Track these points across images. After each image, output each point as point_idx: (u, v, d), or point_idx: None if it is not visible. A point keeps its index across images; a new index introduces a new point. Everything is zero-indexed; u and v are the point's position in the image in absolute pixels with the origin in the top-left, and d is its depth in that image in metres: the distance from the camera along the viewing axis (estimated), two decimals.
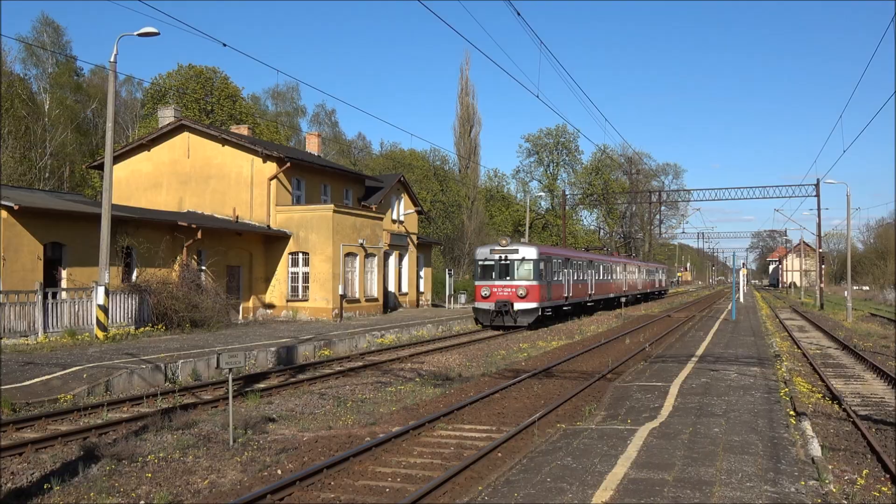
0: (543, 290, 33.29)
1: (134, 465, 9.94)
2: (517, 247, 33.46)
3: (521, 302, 32.11)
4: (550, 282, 34.73)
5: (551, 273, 35.12)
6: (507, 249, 33.08)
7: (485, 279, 33.13)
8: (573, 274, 39.64)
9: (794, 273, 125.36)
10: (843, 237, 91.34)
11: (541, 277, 33.06)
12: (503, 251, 33.12)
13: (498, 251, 33.28)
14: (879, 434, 12.62)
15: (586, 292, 43.32)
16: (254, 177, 34.05)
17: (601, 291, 47.69)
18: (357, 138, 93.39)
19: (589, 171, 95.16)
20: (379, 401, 15.09)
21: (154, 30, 22.42)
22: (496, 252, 33.27)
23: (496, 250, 33.34)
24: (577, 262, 41.05)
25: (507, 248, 33.13)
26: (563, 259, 37.92)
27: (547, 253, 35.11)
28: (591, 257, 45.81)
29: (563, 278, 37.35)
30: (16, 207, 22.18)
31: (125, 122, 64.55)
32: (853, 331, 35.39)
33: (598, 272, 46.75)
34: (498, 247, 33.59)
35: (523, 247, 33.72)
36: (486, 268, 33.36)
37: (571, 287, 39.13)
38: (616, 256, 59.19)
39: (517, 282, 32.46)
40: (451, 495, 8.63)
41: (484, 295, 32.74)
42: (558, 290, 36.46)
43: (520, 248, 33.33)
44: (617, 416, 12.71)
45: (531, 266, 32.76)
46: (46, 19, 59.53)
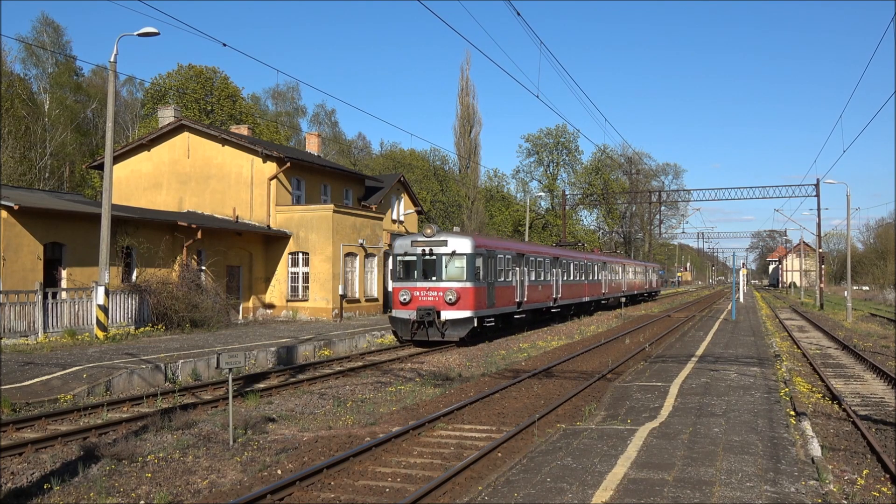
0: (481, 294, 26.05)
1: (134, 465, 9.95)
2: (446, 237, 25.75)
3: (451, 310, 24.78)
4: (493, 283, 27.29)
5: (495, 272, 27.62)
6: (433, 241, 25.61)
7: (404, 280, 25.81)
8: (530, 274, 32.02)
9: (794, 273, 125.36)
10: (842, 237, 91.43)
11: (477, 278, 25.75)
12: (427, 243, 25.64)
13: (421, 243, 25.73)
14: (879, 434, 12.63)
15: (549, 296, 35.36)
16: (254, 177, 34.06)
17: (571, 295, 39.69)
18: (357, 138, 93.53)
19: (589, 171, 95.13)
20: (379, 401, 15.09)
21: (154, 30, 22.43)
22: (418, 244, 25.76)
23: (418, 242, 25.84)
24: (535, 258, 33.16)
25: (433, 240, 25.63)
26: (515, 255, 30.23)
27: (488, 246, 27.59)
28: (556, 253, 37.74)
29: (513, 279, 29.64)
30: (16, 207, 22.18)
31: (125, 122, 64.56)
32: (853, 331, 35.39)
33: (566, 272, 38.81)
34: (421, 237, 25.94)
35: (454, 237, 25.95)
36: (407, 265, 25.96)
37: (527, 290, 31.40)
38: (596, 254, 50.51)
39: (445, 283, 25.08)
40: (451, 495, 8.63)
41: (403, 301, 25.15)
42: (506, 293, 28.84)
43: (450, 238, 25.72)
44: (617, 416, 12.71)
45: (464, 262, 25.28)
46: (46, 19, 59.66)
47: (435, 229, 26.07)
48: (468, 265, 25.37)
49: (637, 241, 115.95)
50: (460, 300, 24.91)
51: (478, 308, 25.60)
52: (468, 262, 25.38)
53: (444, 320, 24.71)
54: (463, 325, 24.89)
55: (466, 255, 25.41)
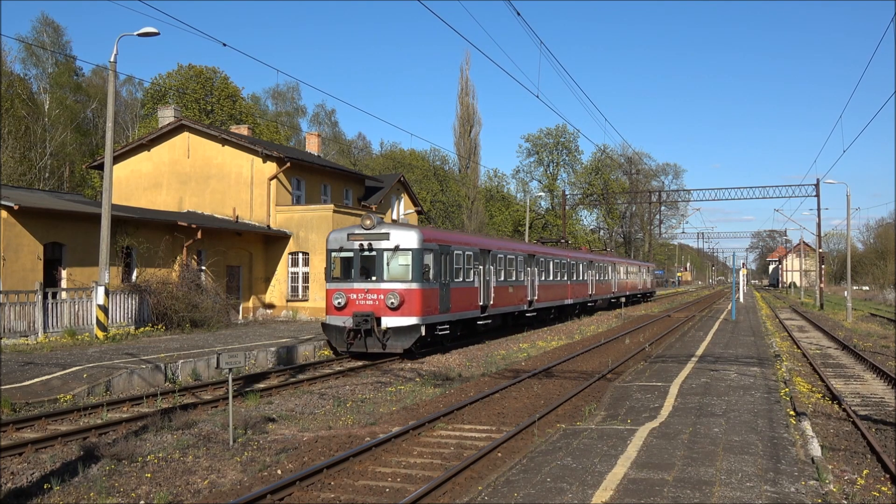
0: (431, 296, 22.28)
1: (134, 465, 9.95)
2: (388, 230, 22.15)
3: (393, 316, 21.18)
4: (448, 284, 23.55)
5: (450, 271, 23.81)
6: (373, 234, 21.93)
7: (340, 280, 22.14)
8: (498, 273, 28.44)
9: (794, 273, 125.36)
10: (842, 237, 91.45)
11: (426, 277, 21.92)
12: (366, 236, 21.96)
13: (358, 237, 22.07)
14: (879, 434, 12.63)
15: (522, 298, 31.51)
16: (254, 177, 34.07)
17: (550, 297, 35.81)
18: (357, 138, 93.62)
19: (589, 171, 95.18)
20: (379, 401, 15.09)
21: (154, 30, 22.44)
22: (355, 238, 22.08)
23: (355, 235, 22.11)
24: (504, 255, 29.40)
25: (373, 233, 21.94)
26: (478, 251, 26.41)
27: (441, 240, 23.59)
28: (531, 250, 33.85)
29: (476, 279, 26.00)
30: (16, 207, 22.19)
31: (125, 122, 64.60)
32: (853, 331, 35.39)
33: (544, 271, 34.88)
34: (359, 230, 22.22)
35: (398, 230, 22.30)
36: (343, 262, 22.37)
37: (493, 291, 27.64)
38: (583, 251, 47.27)
39: (387, 284, 21.44)
40: (451, 495, 8.63)
41: (337, 305, 21.61)
42: (465, 296, 25.12)
43: (392, 231, 22.06)
44: (617, 416, 12.71)
45: (409, 259, 21.63)
46: (46, 19, 59.71)
47: (375, 220, 22.23)
48: (414, 262, 21.62)
49: (637, 241, 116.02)
50: (404, 304, 21.28)
51: (426, 313, 21.86)
52: (414, 259, 21.62)
53: (385, 328, 21.05)
54: (408, 333, 21.14)
55: (412, 251, 21.66)
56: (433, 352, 23.46)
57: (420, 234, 22.07)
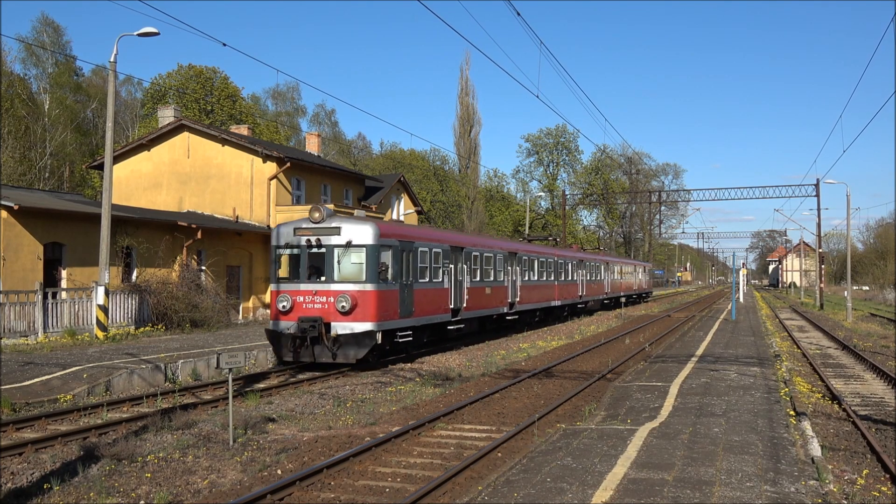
0: (389, 299, 19.78)
1: (134, 465, 9.95)
2: (339, 223, 19.58)
3: (344, 321, 18.72)
4: (411, 285, 21.02)
5: (414, 270, 21.34)
6: (322, 228, 19.47)
7: (286, 281, 19.73)
8: (473, 273, 25.83)
9: (794, 273, 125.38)
10: (842, 237, 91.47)
11: (383, 277, 19.44)
12: (315, 231, 19.50)
13: (306, 231, 19.62)
14: (879, 434, 12.63)
15: (502, 300, 29.02)
16: (254, 177, 34.07)
17: (534, 298, 33.28)
18: (357, 138, 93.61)
19: (589, 171, 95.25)
20: (379, 401, 15.10)
21: (154, 30, 22.45)
22: (303, 233, 19.64)
23: (303, 230, 19.67)
24: (481, 253, 26.69)
25: (322, 227, 19.48)
26: (448, 248, 23.74)
27: (402, 235, 21.08)
28: (513, 247, 31.18)
29: (445, 279, 23.45)
30: (16, 207, 22.19)
31: (125, 122, 64.61)
32: (853, 331, 35.40)
33: (528, 270, 32.44)
34: (306, 223, 19.75)
35: (351, 223, 19.61)
36: (289, 260, 19.96)
37: (467, 293, 25.10)
38: (574, 250, 44.96)
39: (338, 285, 18.99)
40: (451, 495, 8.63)
41: (282, 309, 19.20)
42: (433, 298, 22.57)
43: (344, 225, 19.50)
44: (617, 416, 12.71)
45: (363, 257, 19.19)
46: (46, 19, 59.70)
47: (325, 212, 19.55)
48: (369, 260, 19.10)
49: (637, 241, 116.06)
50: (357, 308, 18.74)
51: (384, 318, 19.34)
52: (370, 257, 19.11)
53: (336, 335, 18.52)
54: (361, 341, 18.63)
55: (367, 248, 19.14)
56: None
57: (376, 229, 19.50)
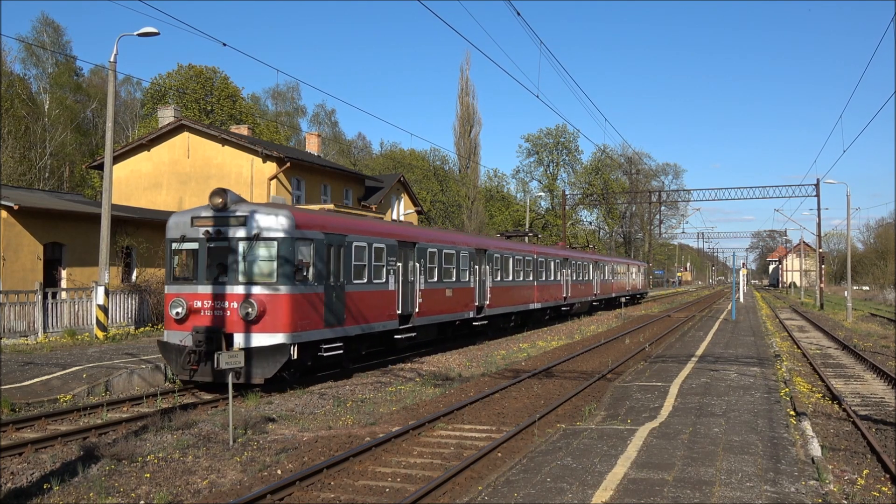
0: (309, 304, 16.20)
1: (134, 465, 9.95)
2: (246, 211, 15.90)
3: (249, 331, 15.36)
4: (341, 286, 17.48)
5: (348, 269, 17.77)
6: (225, 217, 15.89)
7: (182, 282, 16.41)
8: (429, 272, 22.40)
9: (794, 273, 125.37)
10: (843, 237, 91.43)
11: (298, 278, 15.83)
12: (216, 220, 15.95)
13: (205, 221, 16.08)
14: (879, 434, 12.63)
15: (467, 303, 25.49)
16: (254, 177, 34.06)
17: (509, 301, 29.86)
18: (357, 138, 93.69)
19: (589, 171, 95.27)
20: (379, 401, 15.09)
21: (154, 30, 22.45)
22: (202, 222, 16.12)
23: (202, 219, 16.13)
24: (438, 250, 23.13)
25: (224, 215, 15.90)
26: (395, 244, 20.22)
27: (330, 227, 17.32)
28: (481, 243, 27.66)
29: (391, 280, 19.88)
30: (16, 207, 22.20)
31: (125, 122, 64.62)
32: (853, 331, 35.40)
33: (501, 270, 28.96)
34: (206, 211, 16.18)
35: (260, 211, 15.90)
36: (186, 256, 16.59)
37: (421, 296, 21.63)
38: (559, 247, 41.54)
39: (242, 287, 15.54)
40: (451, 495, 8.63)
41: (176, 316, 15.84)
42: (372, 303, 18.90)
43: (252, 212, 15.82)
44: (617, 416, 12.71)
45: (275, 252, 15.66)
46: (46, 19, 59.77)
47: (229, 197, 15.86)
48: (283, 256, 15.61)
49: (637, 241, 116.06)
50: (266, 315, 15.29)
51: (301, 327, 15.84)
52: (283, 252, 15.60)
53: (238, 349, 14.82)
54: (270, 356, 15.17)
55: (279, 241, 15.59)
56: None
57: (291, 218, 15.86)
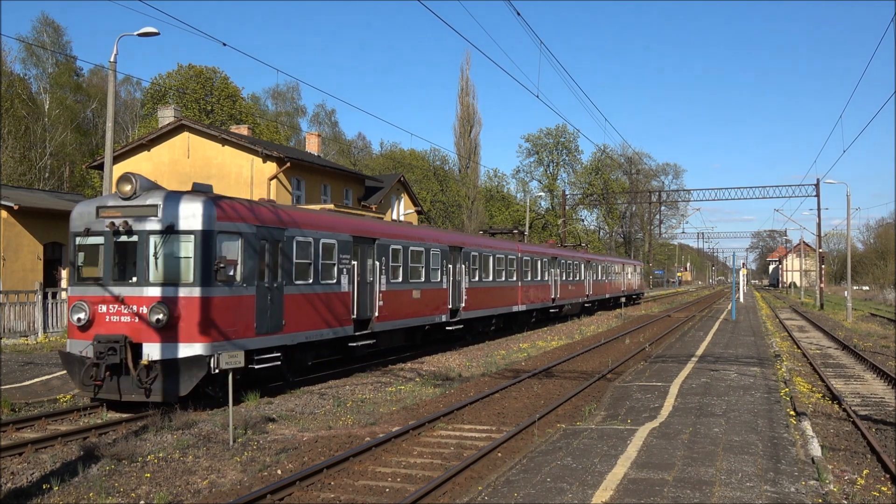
0: (234, 309, 14.06)
1: (134, 465, 9.95)
2: (158, 199, 13.68)
3: (160, 340, 13.13)
4: (280, 288, 15.33)
5: (284, 268, 15.51)
6: (134, 207, 13.73)
7: (85, 282, 14.08)
8: (394, 272, 20.29)
9: (794, 273, 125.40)
10: (843, 237, 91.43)
11: (220, 278, 13.69)
12: (124, 210, 13.81)
13: (112, 212, 13.91)
14: (879, 434, 12.63)
15: (439, 306, 23.29)
16: (254, 177, 34.06)
17: (488, 303, 27.44)
18: (357, 138, 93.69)
19: (589, 171, 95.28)
20: (379, 401, 15.09)
21: (154, 30, 22.44)
22: (108, 213, 13.92)
23: (108, 209, 13.95)
24: (402, 246, 20.91)
25: (133, 205, 13.75)
26: (349, 240, 17.99)
27: (264, 219, 15.09)
28: (455, 240, 25.25)
29: (345, 280, 17.70)
30: (16, 207, 22.21)
31: (125, 122, 64.63)
32: (853, 331, 35.40)
33: (480, 269, 26.62)
34: (114, 200, 14.05)
35: (175, 200, 13.69)
36: (91, 253, 14.18)
37: (382, 298, 19.49)
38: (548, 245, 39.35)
39: (153, 289, 13.37)
40: (451, 495, 8.63)
41: (77, 322, 13.65)
42: (319, 306, 16.73)
43: (164, 201, 13.63)
44: (617, 416, 12.72)
45: (191, 248, 13.54)
46: (46, 19, 59.77)
47: (139, 183, 13.63)
48: (200, 253, 13.35)
49: (637, 241, 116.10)
50: (181, 321, 13.13)
51: (224, 335, 13.63)
52: (201, 248, 13.36)
53: (148, 362, 12.87)
54: (185, 371, 13.05)
55: (197, 234, 13.39)
56: (430, 353, 22.37)
57: (211, 208, 13.61)
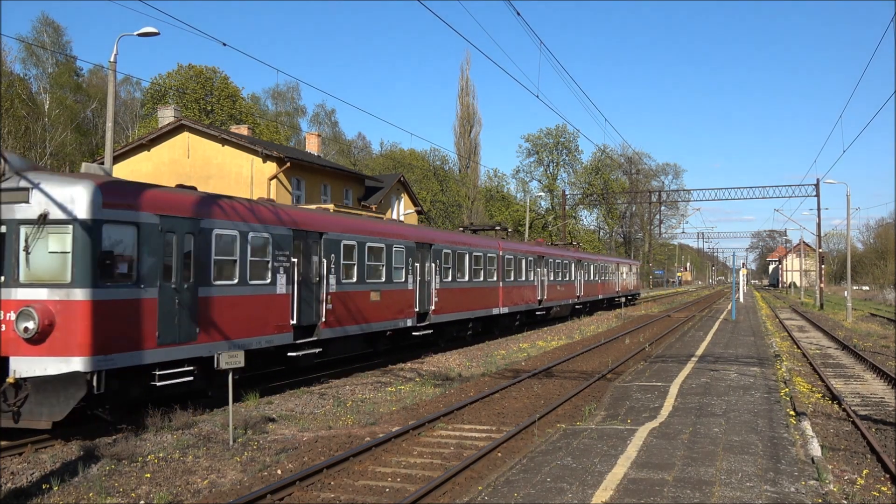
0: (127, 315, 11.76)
1: (134, 465, 9.95)
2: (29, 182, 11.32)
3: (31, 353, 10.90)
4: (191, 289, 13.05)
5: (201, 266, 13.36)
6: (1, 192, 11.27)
7: None
8: (347, 271, 18.14)
9: (794, 273, 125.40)
10: (842, 237, 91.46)
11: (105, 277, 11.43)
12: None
13: None
14: (879, 434, 12.63)
15: (403, 309, 20.89)
16: (254, 177, 34.06)
17: (463, 305, 25.20)
18: (357, 138, 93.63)
19: (589, 171, 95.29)
20: (379, 401, 15.09)
21: (154, 30, 22.44)
22: None
23: None
24: (357, 242, 18.59)
25: None
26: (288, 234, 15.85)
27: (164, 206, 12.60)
28: (424, 236, 22.93)
29: (281, 280, 15.54)
30: None
31: (125, 122, 64.62)
32: (853, 331, 35.40)
33: (454, 268, 24.48)
34: None
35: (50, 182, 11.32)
36: None
37: (331, 300, 17.37)
38: (531, 245, 36.50)
39: (23, 291, 11.15)
40: (451, 495, 8.63)
41: None
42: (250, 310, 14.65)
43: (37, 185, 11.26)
44: (617, 416, 12.72)
45: (70, 241, 11.21)
46: (46, 19, 59.76)
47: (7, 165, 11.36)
48: (82, 247, 11.21)
49: (637, 241, 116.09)
50: (56, 331, 11.02)
51: (112, 348, 11.40)
52: (83, 241, 11.22)
53: (15, 380, 10.84)
54: (60, 390, 10.99)
55: (77, 224, 11.22)
56: (429, 353, 22.81)
57: (98, 193, 11.37)
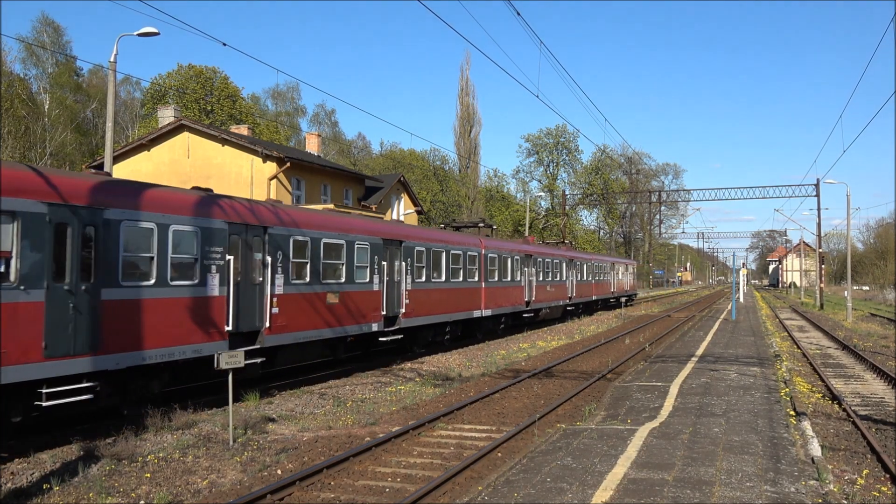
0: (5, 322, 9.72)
1: (134, 465, 9.95)
2: None
3: None
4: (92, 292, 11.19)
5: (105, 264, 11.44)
6: None
7: None
8: (299, 271, 16.19)
9: (794, 273, 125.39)
10: (843, 237, 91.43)
11: None
12: None
13: None
14: (879, 434, 12.63)
15: (368, 314, 18.97)
16: (254, 177, 34.06)
17: (439, 308, 23.19)
18: (357, 138, 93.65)
19: (589, 171, 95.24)
20: (379, 401, 15.09)
21: (154, 30, 22.44)
22: None
23: None
24: (311, 238, 16.65)
25: None
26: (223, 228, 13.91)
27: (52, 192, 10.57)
28: (392, 232, 20.63)
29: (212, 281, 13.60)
30: None
31: (125, 122, 64.61)
32: (853, 331, 35.39)
33: (428, 268, 22.41)
34: None
35: None
36: None
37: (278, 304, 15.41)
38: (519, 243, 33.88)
39: None
40: (451, 495, 8.63)
41: None
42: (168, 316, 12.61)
43: None
44: (617, 416, 12.71)
45: None
46: (46, 19, 59.75)
47: None
48: None
49: (637, 241, 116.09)
50: None
51: None
52: None
53: None
54: None
55: None
56: (429, 353, 22.96)
57: None
